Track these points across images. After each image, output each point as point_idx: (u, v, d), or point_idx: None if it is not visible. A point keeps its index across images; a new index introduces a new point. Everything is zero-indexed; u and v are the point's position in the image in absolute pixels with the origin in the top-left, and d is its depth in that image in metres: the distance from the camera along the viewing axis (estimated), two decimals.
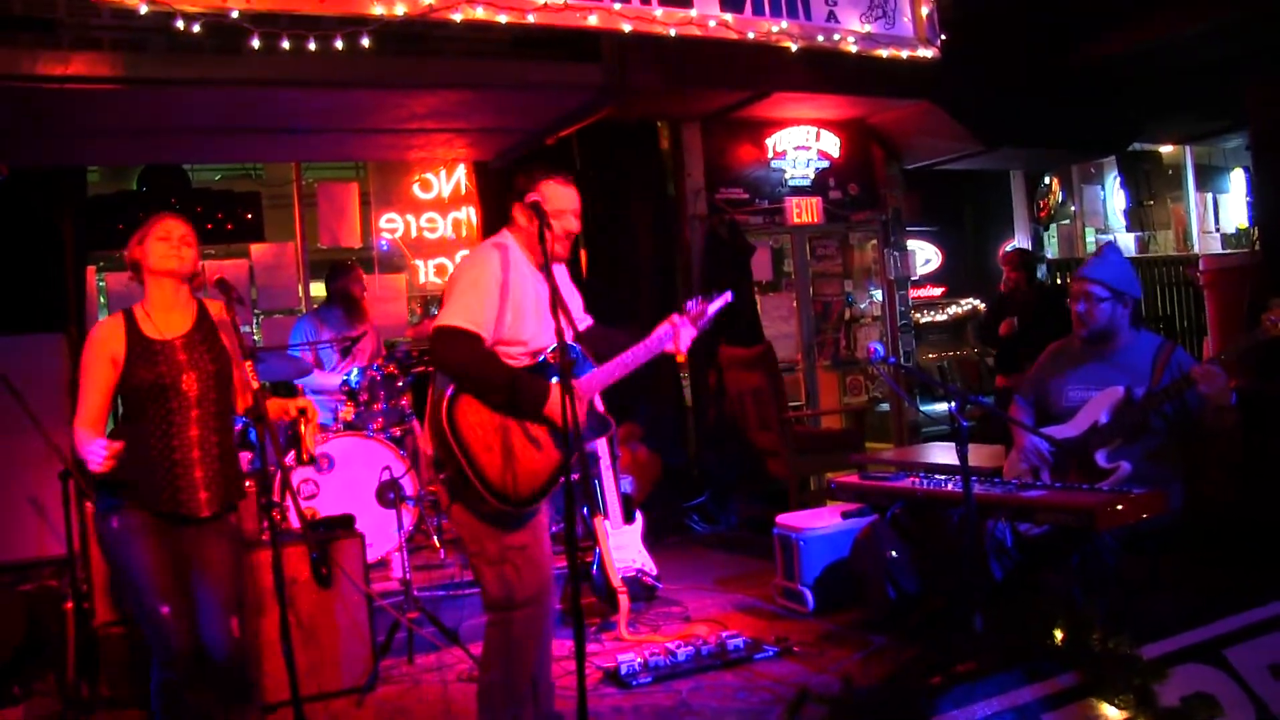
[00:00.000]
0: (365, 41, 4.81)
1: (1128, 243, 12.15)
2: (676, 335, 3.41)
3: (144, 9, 4.43)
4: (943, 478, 4.26)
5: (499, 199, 7.29)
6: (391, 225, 8.56)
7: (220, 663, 3.32)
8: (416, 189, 8.62)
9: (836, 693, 2.48)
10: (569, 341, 3.18)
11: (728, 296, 3.54)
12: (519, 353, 3.28)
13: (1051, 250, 11.42)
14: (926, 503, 4.20)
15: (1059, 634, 2.53)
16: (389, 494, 5.10)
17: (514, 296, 3.23)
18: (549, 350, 3.30)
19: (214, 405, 3.33)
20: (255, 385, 3.22)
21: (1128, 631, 2.60)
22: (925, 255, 11.82)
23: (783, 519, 5.27)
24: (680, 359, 3.52)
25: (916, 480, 4.32)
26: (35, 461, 4.96)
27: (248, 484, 3.84)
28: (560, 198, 3.33)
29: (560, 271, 3.44)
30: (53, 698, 4.48)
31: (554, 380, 3.21)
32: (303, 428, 3.55)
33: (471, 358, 3.16)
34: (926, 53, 6.43)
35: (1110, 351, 4.16)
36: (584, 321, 3.58)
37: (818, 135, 8.45)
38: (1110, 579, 3.75)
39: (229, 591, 3.36)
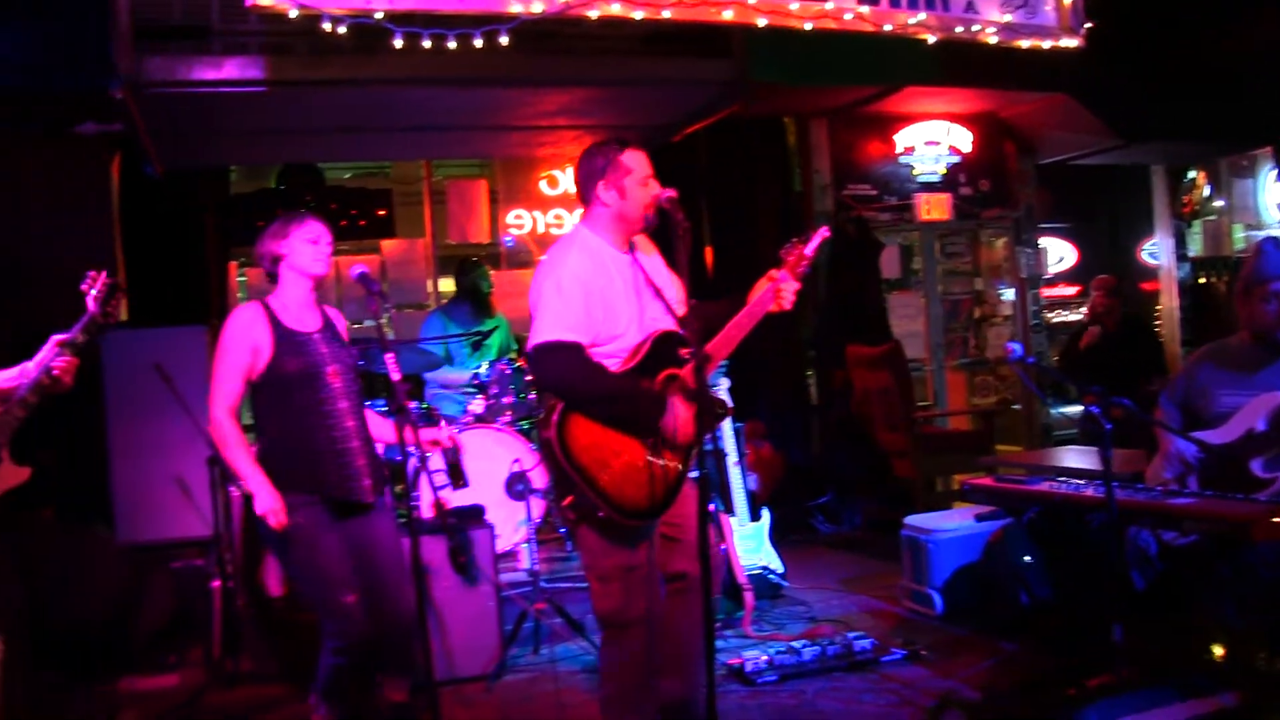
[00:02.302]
0: (504, 39, 4.87)
1: None
2: (778, 293, 3.27)
3: (294, 13, 4.58)
4: (1081, 482, 4.10)
5: None
6: (519, 221, 8.70)
7: (398, 637, 3.46)
8: (543, 185, 8.74)
9: (977, 700, 2.42)
10: (671, 329, 3.09)
11: (825, 232, 3.42)
12: (616, 349, 3.12)
13: (1195, 248, 10.90)
14: (1064, 507, 4.06)
15: (1219, 650, 2.41)
16: (518, 486, 5.19)
17: (599, 289, 3.08)
18: (648, 344, 3.14)
19: (357, 396, 3.49)
20: (397, 377, 3.31)
21: None
22: (1059, 253, 11.48)
23: (912, 520, 5.17)
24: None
25: (1053, 484, 4.17)
26: (182, 445, 5.18)
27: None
28: (642, 164, 3.20)
29: (654, 259, 3.34)
30: (200, 670, 4.71)
31: (664, 376, 3.12)
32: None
33: (577, 372, 3.00)
34: (1070, 42, 6.17)
35: (1271, 355, 3.93)
36: (683, 307, 3.53)
37: (948, 130, 8.23)
38: (1266, 594, 3.55)
39: (402, 568, 3.49)
